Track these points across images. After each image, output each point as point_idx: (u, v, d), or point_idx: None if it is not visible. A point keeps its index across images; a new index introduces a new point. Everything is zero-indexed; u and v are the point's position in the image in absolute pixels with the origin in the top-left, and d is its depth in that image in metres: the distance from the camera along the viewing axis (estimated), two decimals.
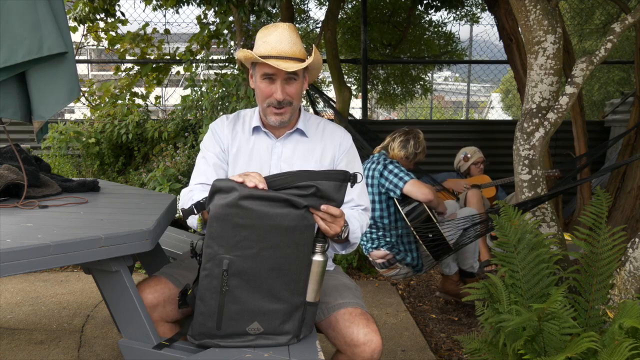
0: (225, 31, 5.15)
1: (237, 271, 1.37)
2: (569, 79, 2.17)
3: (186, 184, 2.56)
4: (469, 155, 4.01)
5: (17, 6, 1.73)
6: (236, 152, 1.73)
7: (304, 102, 7.17)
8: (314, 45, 1.67)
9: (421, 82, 7.46)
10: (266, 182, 1.38)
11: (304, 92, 1.77)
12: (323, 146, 1.74)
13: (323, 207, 1.40)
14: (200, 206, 1.41)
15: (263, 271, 1.38)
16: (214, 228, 1.35)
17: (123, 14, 5.32)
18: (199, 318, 1.42)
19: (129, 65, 5.77)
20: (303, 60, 1.62)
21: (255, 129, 1.74)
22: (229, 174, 1.72)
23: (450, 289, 3.25)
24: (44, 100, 1.80)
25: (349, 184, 1.43)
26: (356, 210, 1.70)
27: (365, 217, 1.72)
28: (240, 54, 1.64)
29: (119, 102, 4.94)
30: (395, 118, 11.85)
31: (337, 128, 1.81)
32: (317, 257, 1.43)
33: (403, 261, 2.98)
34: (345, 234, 1.53)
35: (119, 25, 5.53)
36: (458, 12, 6.79)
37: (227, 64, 4.96)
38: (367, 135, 4.21)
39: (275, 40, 1.60)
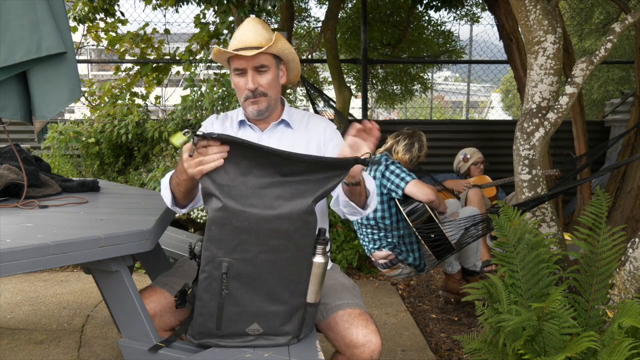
0: (225, 31, 5.14)
1: (236, 274, 1.36)
2: (569, 79, 2.17)
3: None
4: (468, 156, 4.01)
5: (17, 6, 1.73)
6: None
7: (304, 101, 7.17)
8: (275, 32, 1.67)
9: (419, 81, 7.44)
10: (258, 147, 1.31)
11: (280, 85, 1.77)
12: (308, 136, 1.78)
13: (358, 125, 1.36)
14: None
15: (263, 274, 1.37)
16: (213, 231, 1.34)
17: (123, 14, 5.32)
18: (198, 318, 1.42)
19: (129, 65, 5.77)
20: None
21: (241, 123, 1.79)
22: None
23: (453, 287, 3.25)
24: (45, 100, 1.80)
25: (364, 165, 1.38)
26: None
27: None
28: (213, 52, 1.69)
29: (119, 102, 4.93)
30: (395, 118, 11.85)
31: (321, 118, 1.85)
32: (318, 259, 1.42)
33: (405, 261, 2.98)
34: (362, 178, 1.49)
35: (119, 25, 5.53)
36: (458, 12, 6.77)
37: None
38: None
39: (241, 34, 1.66)
